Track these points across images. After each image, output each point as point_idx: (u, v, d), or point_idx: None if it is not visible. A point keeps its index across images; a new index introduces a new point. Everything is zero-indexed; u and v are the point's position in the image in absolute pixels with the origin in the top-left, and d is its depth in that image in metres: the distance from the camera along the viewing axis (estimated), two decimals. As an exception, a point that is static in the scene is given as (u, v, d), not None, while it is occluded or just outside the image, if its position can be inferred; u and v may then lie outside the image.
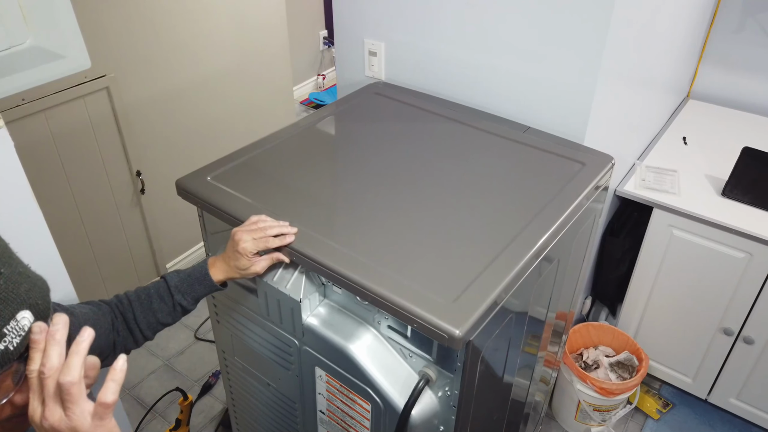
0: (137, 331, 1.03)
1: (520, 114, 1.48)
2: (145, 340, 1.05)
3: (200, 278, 1.05)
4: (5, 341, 0.56)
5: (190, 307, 1.06)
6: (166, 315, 1.04)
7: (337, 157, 1.35)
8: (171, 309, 1.04)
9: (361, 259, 1.02)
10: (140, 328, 1.02)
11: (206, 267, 1.06)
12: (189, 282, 1.04)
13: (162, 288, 1.04)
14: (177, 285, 1.04)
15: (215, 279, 1.05)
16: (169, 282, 1.04)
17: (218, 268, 1.06)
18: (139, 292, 1.04)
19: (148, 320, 1.03)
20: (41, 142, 1.97)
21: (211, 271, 1.05)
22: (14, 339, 0.56)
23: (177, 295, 1.04)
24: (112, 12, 2.05)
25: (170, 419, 2.10)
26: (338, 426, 1.22)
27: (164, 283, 1.05)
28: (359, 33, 1.69)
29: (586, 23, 1.27)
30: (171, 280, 1.04)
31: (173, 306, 1.04)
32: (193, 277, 1.05)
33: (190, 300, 1.05)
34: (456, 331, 0.88)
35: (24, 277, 0.60)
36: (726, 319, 1.77)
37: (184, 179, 1.23)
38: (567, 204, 1.17)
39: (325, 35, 4.28)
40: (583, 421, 1.96)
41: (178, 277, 1.05)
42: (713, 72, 2.22)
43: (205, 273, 1.05)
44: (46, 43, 0.81)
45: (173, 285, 1.04)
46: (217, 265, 1.06)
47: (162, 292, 1.04)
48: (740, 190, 1.72)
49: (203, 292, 1.06)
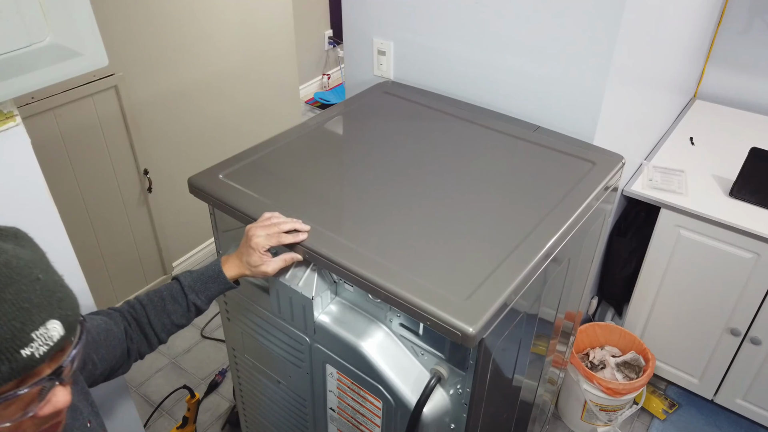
0: (152, 334, 1.03)
1: (530, 113, 1.49)
2: (160, 343, 1.05)
3: (214, 276, 1.05)
4: (32, 347, 0.54)
5: (204, 307, 1.06)
6: (180, 316, 1.04)
7: (348, 155, 1.35)
8: (185, 310, 1.04)
9: (373, 257, 1.02)
10: (155, 331, 1.03)
11: (219, 265, 1.06)
12: (203, 281, 1.05)
13: (175, 289, 1.04)
14: (191, 285, 1.04)
15: (228, 276, 1.06)
16: (182, 282, 1.04)
17: (231, 264, 1.06)
18: (151, 295, 1.03)
19: (162, 322, 1.03)
20: (50, 140, 1.98)
21: (224, 269, 1.06)
22: (41, 347, 0.55)
23: (191, 294, 1.04)
24: (120, 11, 2.06)
25: (177, 417, 2.10)
26: (349, 424, 1.22)
27: (177, 284, 1.04)
28: (368, 32, 1.70)
29: (596, 23, 1.28)
30: (184, 281, 1.04)
31: (187, 307, 1.04)
32: (207, 275, 1.05)
33: (204, 299, 1.05)
34: (469, 328, 0.88)
35: (59, 286, 0.60)
36: (733, 319, 1.78)
37: (196, 177, 1.23)
38: (577, 204, 1.17)
39: (330, 35, 4.28)
40: (589, 421, 1.96)
41: (191, 277, 1.05)
42: (720, 72, 2.22)
43: (218, 271, 1.05)
44: (65, 41, 0.81)
45: (187, 285, 1.04)
46: (230, 262, 1.06)
47: (175, 293, 1.04)
48: (748, 191, 1.72)
49: (217, 290, 1.06)
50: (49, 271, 0.60)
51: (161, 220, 2.51)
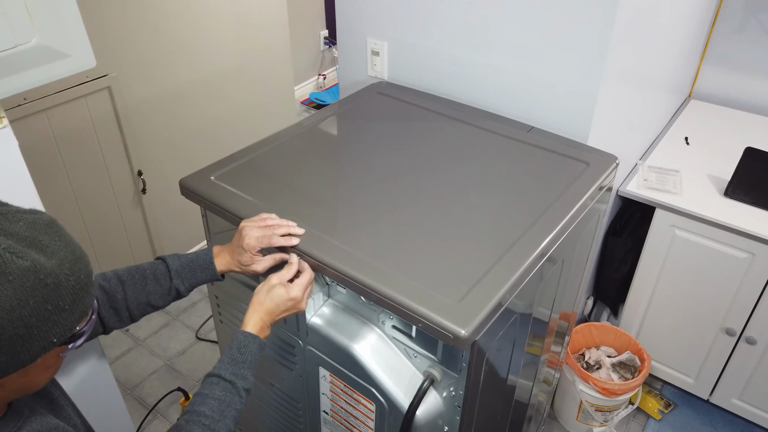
0: (124, 310, 1.00)
1: (524, 114, 1.48)
2: (131, 321, 1.03)
3: (204, 266, 1.04)
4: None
5: (185, 294, 1.05)
6: (159, 298, 1.02)
7: (341, 156, 1.34)
8: (165, 292, 1.02)
9: (366, 259, 1.02)
10: (129, 307, 1.00)
11: (211, 256, 1.05)
12: (191, 268, 1.04)
13: (160, 270, 1.02)
14: (178, 270, 1.02)
15: (218, 270, 1.05)
16: (169, 265, 1.02)
17: (222, 258, 1.06)
18: (132, 271, 1.01)
19: (138, 301, 1.00)
20: (43, 141, 1.97)
21: (215, 261, 1.05)
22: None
23: (176, 279, 1.02)
24: (113, 11, 2.05)
25: (172, 419, 2.09)
26: (342, 426, 1.22)
27: (163, 265, 1.03)
28: (362, 33, 1.69)
29: (589, 23, 1.27)
30: (172, 264, 1.03)
31: (169, 290, 1.02)
32: (197, 264, 1.04)
33: (188, 286, 1.04)
34: (462, 331, 0.88)
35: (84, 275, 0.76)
36: (728, 319, 1.77)
37: (187, 179, 1.23)
38: (571, 204, 1.17)
39: (326, 35, 4.28)
40: (585, 422, 1.96)
41: (179, 262, 1.03)
42: (715, 72, 2.22)
43: (209, 261, 1.04)
44: (52, 42, 0.81)
45: (174, 269, 1.02)
46: (222, 256, 1.06)
47: (159, 275, 1.02)
48: (743, 190, 1.72)
49: (203, 280, 1.05)
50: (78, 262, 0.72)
51: (155, 222, 2.50)
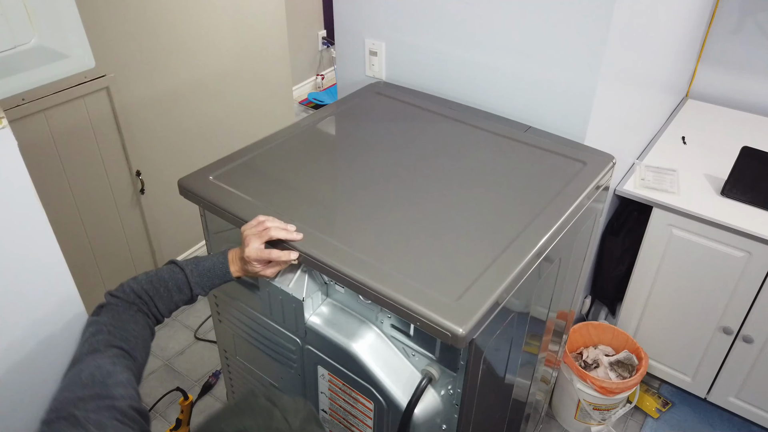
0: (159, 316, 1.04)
1: (521, 113, 1.49)
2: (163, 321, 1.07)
3: (221, 275, 1.06)
4: None
5: (205, 296, 1.09)
6: (184, 302, 1.06)
7: (339, 156, 1.35)
8: (188, 298, 1.05)
9: (364, 258, 1.02)
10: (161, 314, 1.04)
11: (227, 264, 1.06)
12: (209, 277, 1.06)
13: (180, 281, 1.04)
14: (198, 281, 1.05)
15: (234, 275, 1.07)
16: (189, 277, 1.04)
17: (235, 265, 1.07)
18: (155, 284, 1.02)
19: (168, 308, 1.04)
20: (41, 142, 1.97)
21: (231, 269, 1.06)
22: None
23: (196, 289, 1.05)
24: (111, 12, 2.05)
25: (171, 419, 2.10)
26: (341, 425, 1.22)
27: (182, 275, 1.04)
28: (360, 33, 1.69)
29: (586, 23, 1.28)
30: (191, 276, 1.04)
31: (191, 297, 1.05)
32: (214, 273, 1.06)
33: (208, 291, 1.07)
34: (459, 329, 0.88)
35: None
36: (725, 318, 1.78)
37: (186, 179, 1.23)
38: (568, 204, 1.17)
39: (324, 35, 4.28)
40: (583, 420, 1.96)
41: (197, 271, 1.05)
42: (712, 72, 2.23)
43: (226, 270, 1.06)
44: (51, 43, 0.81)
45: (194, 281, 1.04)
46: (235, 263, 1.07)
47: (181, 285, 1.04)
48: (739, 190, 1.73)
49: (220, 284, 1.08)
50: None
51: (154, 222, 2.50)
